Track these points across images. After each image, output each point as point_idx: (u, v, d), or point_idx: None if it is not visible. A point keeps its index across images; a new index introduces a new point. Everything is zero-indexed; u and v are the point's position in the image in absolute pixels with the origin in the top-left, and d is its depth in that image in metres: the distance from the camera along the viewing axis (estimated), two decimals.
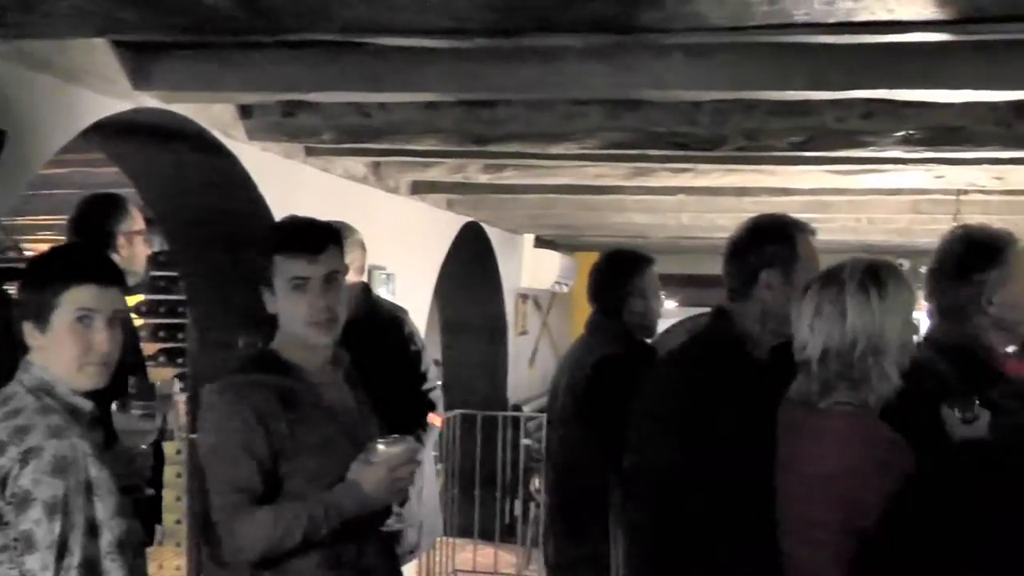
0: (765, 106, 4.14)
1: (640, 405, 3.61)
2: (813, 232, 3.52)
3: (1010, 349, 3.87)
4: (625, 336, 4.51)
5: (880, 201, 6.89)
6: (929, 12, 2.58)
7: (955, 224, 3.82)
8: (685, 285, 10.59)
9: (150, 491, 3.19)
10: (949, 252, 3.58)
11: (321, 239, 2.92)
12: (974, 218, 7.14)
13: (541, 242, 11.37)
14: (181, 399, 4.28)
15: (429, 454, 5.18)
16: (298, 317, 2.88)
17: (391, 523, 2.91)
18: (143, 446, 3.02)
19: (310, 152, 5.82)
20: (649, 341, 4.69)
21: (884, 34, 2.79)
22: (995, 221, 7.50)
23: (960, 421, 3.14)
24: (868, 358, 2.93)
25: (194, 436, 4.14)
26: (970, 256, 3.52)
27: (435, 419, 4.66)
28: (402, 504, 3.05)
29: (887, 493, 2.83)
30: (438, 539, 9.15)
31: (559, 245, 12.02)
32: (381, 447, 2.76)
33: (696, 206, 7.22)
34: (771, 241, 3.44)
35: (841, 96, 3.68)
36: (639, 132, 4.29)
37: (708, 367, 3.46)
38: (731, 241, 3.58)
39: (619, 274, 4.53)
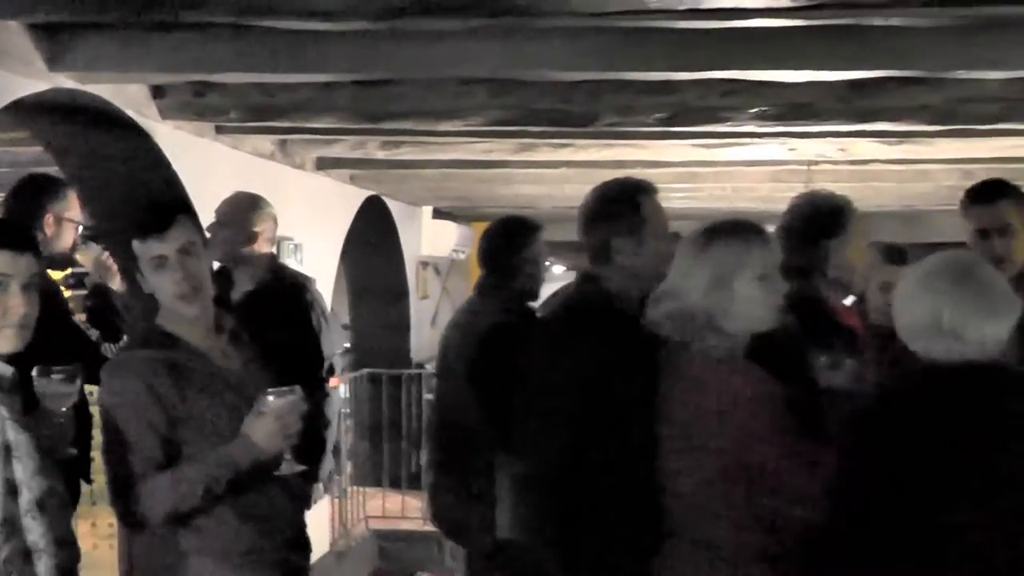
0: (634, 86, 4.18)
1: (525, 366, 3.63)
2: (653, 190, 3.55)
3: (847, 301, 3.99)
4: (515, 300, 4.50)
5: (742, 172, 7.02)
6: (770, 0, 2.66)
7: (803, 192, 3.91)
8: (572, 251, 10.69)
9: (72, 451, 3.14)
10: (796, 218, 3.67)
11: (166, 216, 2.84)
12: (825, 186, 7.33)
13: (439, 213, 11.40)
14: None
15: (340, 412, 5.19)
16: (166, 293, 2.83)
17: (284, 469, 2.86)
18: (63, 409, 2.99)
19: (220, 130, 5.75)
20: (535, 304, 4.69)
21: (731, 20, 2.85)
22: (843, 188, 7.70)
23: (828, 367, 3.22)
24: (728, 305, 3.00)
25: None
26: (815, 223, 3.62)
27: (334, 381, 4.65)
28: (297, 451, 3.02)
29: (763, 426, 2.92)
30: (351, 488, 9.23)
31: (456, 216, 12.05)
32: (270, 399, 2.73)
33: (578, 178, 7.23)
34: (618, 209, 3.46)
35: (701, 76, 3.74)
36: (521, 110, 4.31)
37: (583, 327, 3.50)
38: (582, 210, 3.58)
39: (511, 241, 4.50)
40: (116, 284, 4.35)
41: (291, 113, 4.96)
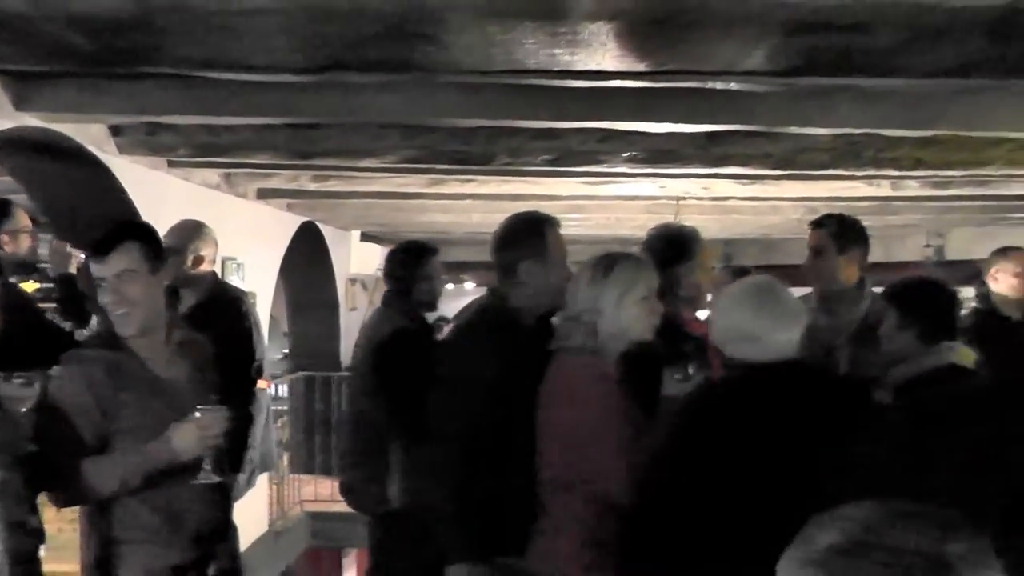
0: (525, 132, 4.26)
1: (435, 369, 3.69)
2: (557, 223, 3.65)
3: (699, 315, 4.11)
4: (413, 311, 4.59)
5: (622, 205, 7.13)
6: (627, 66, 2.77)
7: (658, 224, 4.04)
8: (482, 269, 10.79)
9: (31, 447, 3.13)
10: (651, 248, 3.79)
11: (109, 242, 2.77)
12: (692, 218, 7.49)
13: (366, 237, 11.41)
14: None
15: (269, 409, 5.20)
16: (107, 310, 2.82)
17: (201, 478, 2.81)
18: (23, 410, 2.97)
19: (172, 164, 5.72)
20: (435, 315, 4.79)
21: (596, 80, 2.94)
22: (708, 220, 7.89)
23: (675, 380, 3.31)
24: (593, 318, 3.10)
25: None
26: (667, 252, 3.74)
27: (263, 383, 4.68)
28: (220, 461, 2.93)
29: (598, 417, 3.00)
30: (287, 476, 9.19)
31: (380, 239, 12.03)
32: (197, 414, 2.71)
33: (483, 208, 7.35)
34: (526, 235, 3.56)
35: (579, 125, 3.84)
36: (429, 150, 4.37)
37: (487, 334, 3.57)
38: (495, 235, 3.68)
39: (409, 261, 4.60)
40: (73, 267, 4.34)
41: (233, 151, 4.97)
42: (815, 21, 2.70)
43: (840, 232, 4.18)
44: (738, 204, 7.14)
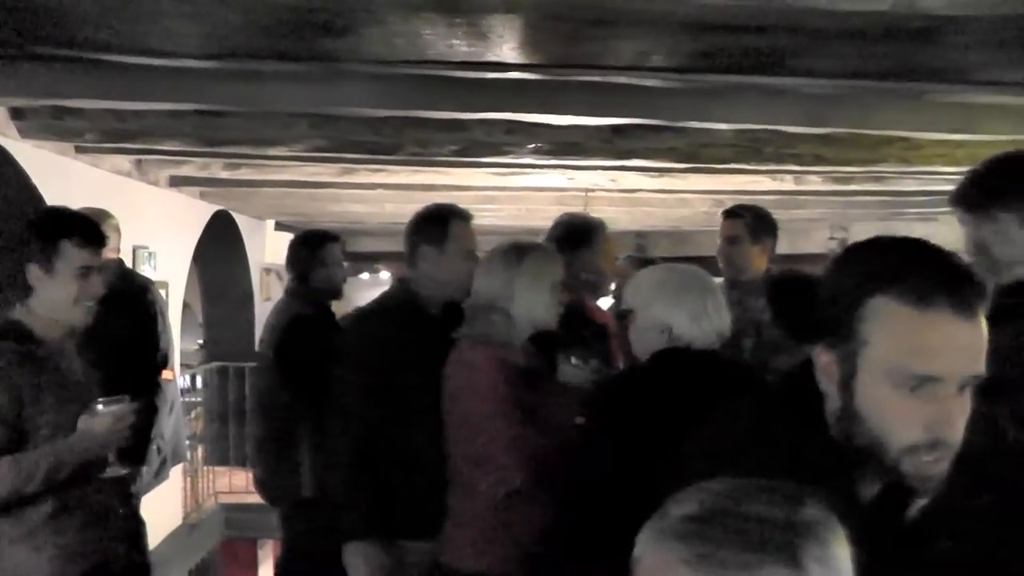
0: (432, 123, 4.28)
1: (335, 354, 3.70)
2: (465, 216, 3.70)
3: (601, 303, 4.19)
4: (313, 298, 4.60)
5: (533, 196, 7.18)
6: (524, 58, 2.81)
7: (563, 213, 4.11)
8: (396, 259, 10.75)
9: None
10: (554, 236, 3.86)
11: (102, 234, 2.78)
12: (603, 209, 7.58)
13: (281, 226, 11.29)
14: None
15: (177, 400, 5.15)
16: (70, 299, 2.70)
17: (109, 472, 2.78)
18: None
19: (79, 150, 5.62)
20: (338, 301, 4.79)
21: (497, 72, 2.98)
22: (618, 212, 8.00)
23: (569, 365, 3.36)
24: (504, 305, 3.15)
25: None
26: (568, 239, 3.82)
27: (168, 374, 4.65)
28: (127, 453, 2.91)
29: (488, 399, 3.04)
30: (201, 468, 9.08)
31: (295, 229, 11.90)
32: (100, 407, 2.67)
33: (396, 198, 7.33)
34: (430, 224, 3.60)
35: (484, 116, 3.87)
36: (337, 139, 4.36)
37: (386, 322, 3.59)
38: (406, 225, 3.73)
39: (307, 249, 4.62)
40: None
41: (141, 137, 4.90)
42: (713, 22, 2.78)
43: (754, 222, 4.32)
44: (647, 197, 7.25)
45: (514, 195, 7.12)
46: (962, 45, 3.10)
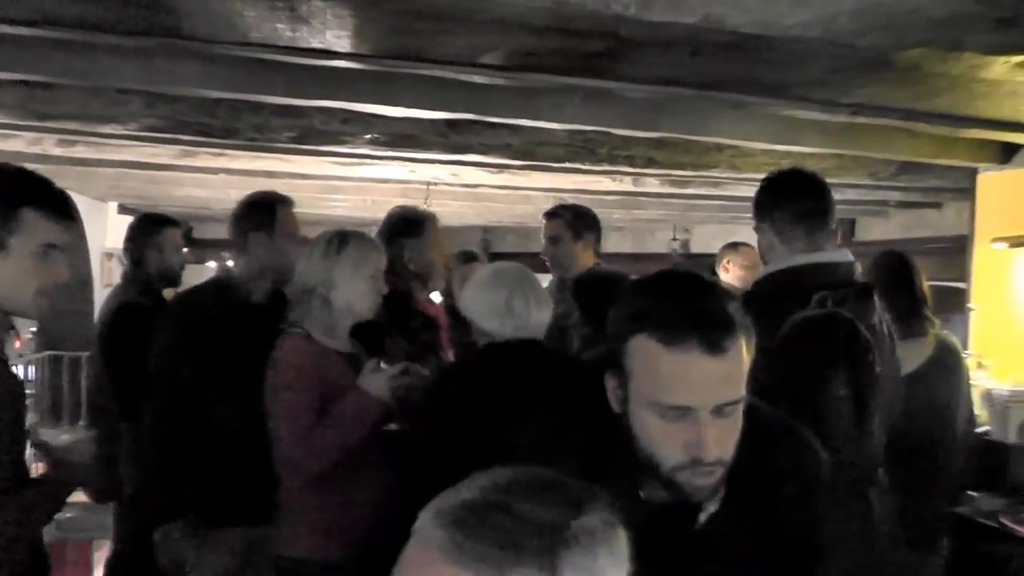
0: (268, 107, 4.25)
1: (154, 341, 3.66)
2: (290, 203, 3.72)
3: (434, 296, 4.26)
4: (147, 284, 4.51)
5: (377, 187, 7.18)
6: (350, 47, 2.84)
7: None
8: None
9: None
10: (384, 225, 3.93)
11: (74, 207, 2.30)
12: (445, 203, 7.65)
13: (124, 209, 10.96)
14: None
15: None
16: (32, 284, 2.21)
17: None
18: None
19: None
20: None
21: (320, 59, 2.99)
22: (462, 206, 8.09)
23: (368, 371, 3.36)
24: (324, 292, 3.17)
25: None
26: (397, 227, 3.88)
27: None
28: None
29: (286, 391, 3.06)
30: (33, 464, 8.64)
31: (139, 212, 11.58)
32: None
33: (240, 184, 7.17)
34: (256, 211, 3.60)
35: (318, 104, 3.86)
36: (172, 120, 4.27)
37: (202, 308, 3.57)
38: (232, 212, 3.72)
39: (142, 233, 4.54)
40: None
41: None
42: (537, 23, 2.86)
43: (574, 220, 4.49)
44: (490, 192, 7.34)
45: (359, 186, 7.10)
46: (771, 62, 3.28)
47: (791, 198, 2.98)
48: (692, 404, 1.59)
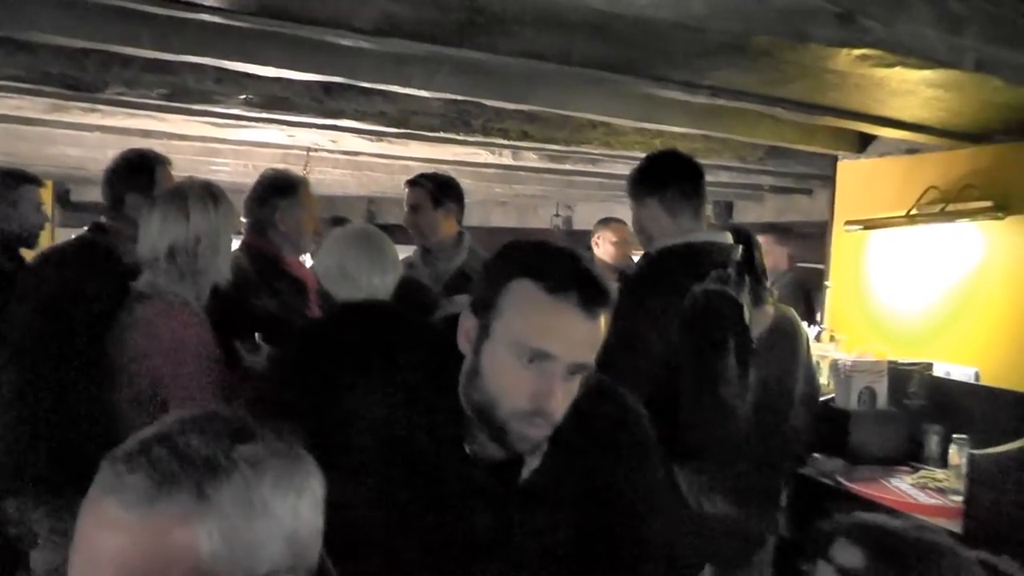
0: (139, 62, 4.14)
1: (10, 304, 3.57)
2: (167, 162, 3.68)
3: (303, 259, 4.26)
4: (8, 246, 4.42)
5: (257, 152, 7.08)
6: (217, 2, 2.82)
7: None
8: None
9: None
10: (256, 186, 3.92)
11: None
12: (325, 170, 7.60)
13: None
14: None
15: None
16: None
17: None
18: None
19: None
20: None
21: (187, 12, 2.94)
22: (342, 174, 8.04)
23: (245, 351, 3.38)
24: (207, 253, 3.15)
25: None
26: (268, 189, 3.89)
27: None
28: None
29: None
30: None
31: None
32: None
33: (116, 144, 6.95)
34: (134, 171, 3.56)
35: (191, 60, 3.79)
36: (34, 70, 4.09)
37: (70, 270, 3.50)
38: (105, 170, 3.65)
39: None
40: None
41: None
42: None
43: (435, 189, 4.54)
44: (370, 161, 7.31)
45: (237, 149, 6.99)
46: (625, 41, 3.37)
47: (681, 177, 3.32)
48: (556, 354, 1.69)
